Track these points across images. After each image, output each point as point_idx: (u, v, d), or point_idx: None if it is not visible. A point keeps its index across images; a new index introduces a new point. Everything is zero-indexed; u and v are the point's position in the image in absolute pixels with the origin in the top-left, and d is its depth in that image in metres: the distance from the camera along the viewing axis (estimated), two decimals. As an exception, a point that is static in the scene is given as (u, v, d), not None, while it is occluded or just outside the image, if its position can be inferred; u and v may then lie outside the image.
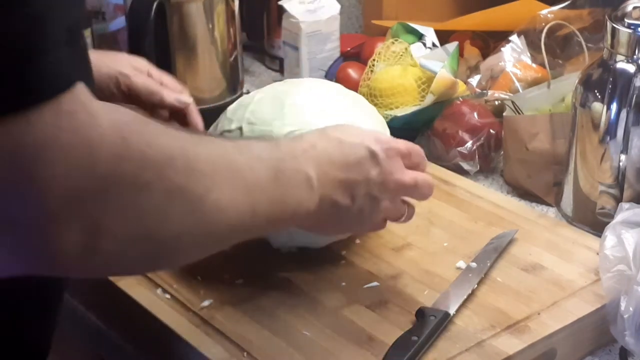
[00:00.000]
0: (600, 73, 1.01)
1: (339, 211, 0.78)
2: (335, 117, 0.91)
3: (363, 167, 0.79)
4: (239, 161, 0.68)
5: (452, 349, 0.81)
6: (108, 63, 0.97)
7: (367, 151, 0.79)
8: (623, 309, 0.83)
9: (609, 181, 1.00)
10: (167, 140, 0.61)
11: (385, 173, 0.80)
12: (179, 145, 0.62)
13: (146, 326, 0.88)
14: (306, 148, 0.76)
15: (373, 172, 0.79)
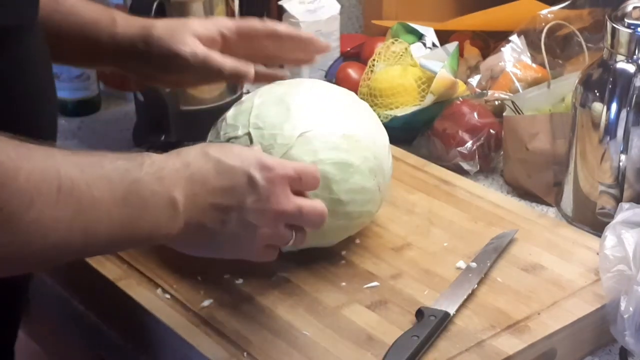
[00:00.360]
0: (600, 73, 1.01)
1: (208, 234, 0.75)
2: (339, 116, 0.91)
3: (237, 192, 0.75)
4: (76, 179, 0.64)
5: (452, 349, 0.81)
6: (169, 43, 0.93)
7: (245, 176, 0.75)
8: (623, 309, 0.83)
9: (609, 181, 1.00)
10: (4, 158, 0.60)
11: (263, 201, 0.75)
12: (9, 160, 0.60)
13: (146, 326, 0.88)
14: (178, 167, 0.73)
15: (249, 199, 0.75)
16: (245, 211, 0.75)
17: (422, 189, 1.07)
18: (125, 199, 0.68)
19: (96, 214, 0.66)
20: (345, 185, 0.88)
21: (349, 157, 0.89)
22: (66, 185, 0.63)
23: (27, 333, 1.11)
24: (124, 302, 0.90)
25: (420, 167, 1.12)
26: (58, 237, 0.64)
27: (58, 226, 0.63)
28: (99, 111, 1.40)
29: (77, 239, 0.65)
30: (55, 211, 0.62)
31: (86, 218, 0.65)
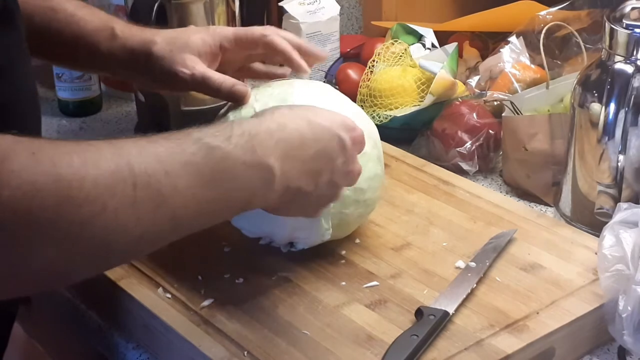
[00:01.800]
0: (598, 74, 1.01)
1: (302, 196, 0.78)
2: (341, 111, 0.92)
3: (329, 154, 0.77)
4: (153, 171, 0.64)
5: (451, 348, 0.81)
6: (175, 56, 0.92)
7: (336, 138, 0.78)
8: (621, 308, 0.83)
9: (608, 181, 1.00)
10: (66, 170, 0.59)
11: (349, 162, 0.79)
12: (72, 171, 0.59)
13: (147, 325, 0.88)
14: (273, 130, 0.73)
15: (339, 161, 0.78)
16: (335, 172, 0.78)
17: (422, 189, 1.08)
18: (214, 179, 0.68)
19: (181, 200, 0.65)
20: (363, 174, 0.89)
21: None
22: (142, 181, 0.62)
23: (28, 332, 1.11)
24: (124, 301, 0.90)
25: (419, 167, 1.13)
26: (142, 230, 0.63)
27: (140, 221, 0.63)
28: (100, 111, 1.41)
29: (165, 227, 0.65)
30: (133, 208, 0.62)
31: (171, 206, 0.64)
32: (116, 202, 0.61)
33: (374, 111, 1.26)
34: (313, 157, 0.76)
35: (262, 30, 0.94)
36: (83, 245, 0.60)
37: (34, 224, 0.57)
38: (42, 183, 0.57)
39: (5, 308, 0.81)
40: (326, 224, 0.90)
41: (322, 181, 0.78)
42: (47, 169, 0.58)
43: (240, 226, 0.93)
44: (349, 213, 0.91)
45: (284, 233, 0.91)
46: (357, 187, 0.90)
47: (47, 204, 0.57)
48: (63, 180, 0.58)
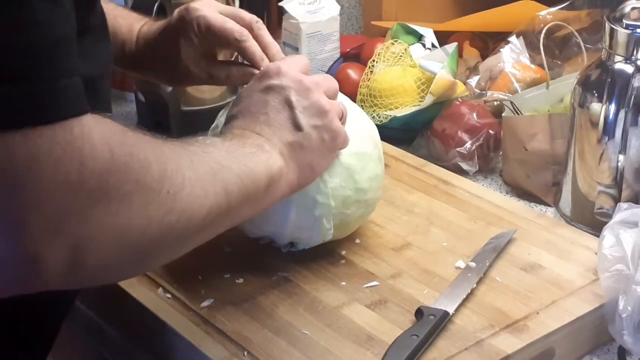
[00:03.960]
0: (598, 74, 1.01)
1: (303, 146, 0.80)
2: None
3: (273, 94, 0.81)
4: (195, 151, 0.70)
5: (451, 348, 0.81)
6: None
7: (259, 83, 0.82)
8: (621, 308, 0.83)
9: (608, 181, 1.00)
10: (143, 147, 0.63)
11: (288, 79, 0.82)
12: (152, 150, 0.64)
13: (147, 325, 0.88)
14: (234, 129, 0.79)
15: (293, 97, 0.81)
16: (300, 109, 0.81)
17: (422, 189, 1.08)
18: (238, 156, 0.74)
19: (227, 173, 0.71)
20: (364, 174, 0.90)
21: (362, 146, 0.91)
22: (196, 158, 0.69)
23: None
24: (124, 301, 0.90)
25: (419, 167, 1.13)
26: (208, 204, 0.68)
27: (207, 194, 0.68)
28: (99, 111, 1.40)
29: (222, 201, 0.70)
30: (199, 180, 0.67)
31: (221, 179, 0.70)
32: (188, 174, 0.66)
33: (374, 111, 1.26)
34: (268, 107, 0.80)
35: (237, 31, 0.93)
36: (173, 218, 0.64)
37: (145, 190, 0.61)
38: (150, 158, 0.62)
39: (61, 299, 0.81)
40: (327, 224, 0.90)
41: (301, 120, 0.80)
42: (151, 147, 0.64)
43: (242, 227, 0.93)
44: (350, 213, 0.91)
45: (285, 233, 0.91)
46: (358, 188, 0.90)
47: (155, 176, 0.62)
48: (160, 157, 0.64)
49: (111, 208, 0.59)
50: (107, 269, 0.62)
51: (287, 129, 0.80)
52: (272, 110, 0.80)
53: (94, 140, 0.58)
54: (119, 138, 0.61)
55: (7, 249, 0.56)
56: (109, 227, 0.59)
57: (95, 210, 0.58)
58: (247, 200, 0.74)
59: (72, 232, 0.57)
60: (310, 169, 0.82)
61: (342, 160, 0.89)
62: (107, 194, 0.58)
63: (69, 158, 0.56)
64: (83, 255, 0.58)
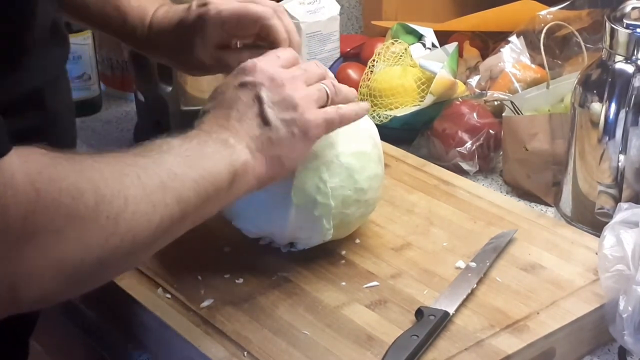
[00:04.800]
0: (599, 73, 1.01)
1: (271, 140, 0.80)
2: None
3: (244, 90, 0.82)
4: (146, 164, 0.70)
5: (451, 348, 0.81)
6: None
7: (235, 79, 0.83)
8: (622, 308, 0.83)
9: (608, 181, 1.00)
10: (75, 178, 0.62)
11: (261, 75, 0.82)
12: (86, 177, 0.63)
13: (147, 325, 0.88)
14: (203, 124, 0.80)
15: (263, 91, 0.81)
16: (261, 94, 0.81)
17: (422, 189, 1.08)
18: (195, 160, 0.74)
19: (180, 183, 0.71)
20: (364, 174, 0.90)
21: (362, 146, 0.91)
22: (143, 173, 0.68)
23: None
24: (124, 301, 0.90)
25: (419, 167, 1.13)
26: (159, 217, 0.68)
27: (155, 208, 0.68)
28: (100, 111, 1.41)
29: (175, 211, 0.70)
30: (147, 196, 0.67)
31: (173, 189, 0.70)
32: (132, 192, 0.66)
33: (374, 111, 1.26)
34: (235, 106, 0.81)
35: (263, 11, 0.93)
36: (116, 240, 0.64)
37: (79, 221, 0.61)
38: (83, 187, 0.62)
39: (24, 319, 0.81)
40: (327, 224, 0.90)
41: (269, 115, 0.80)
42: (86, 174, 0.63)
43: (241, 226, 0.93)
44: (349, 213, 0.91)
45: (284, 233, 0.91)
46: (358, 187, 0.90)
47: (89, 204, 0.62)
48: (97, 183, 0.63)
49: (43, 246, 0.59)
50: (47, 296, 0.62)
51: (255, 123, 0.80)
52: (242, 106, 0.81)
53: (17, 183, 0.57)
54: (47, 173, 0.60)
55: None
56: (44, 263, 0.59)
57: (26, 250, 0.58)
58: (207, 201, 0.74)
59: (5, 273, 0.58)
60: (279, 162, 0.82)
61: (342, 160, 0.89)
62: (35, 234, 0.58)
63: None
64: (21, 292, 0.59)
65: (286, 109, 0.82)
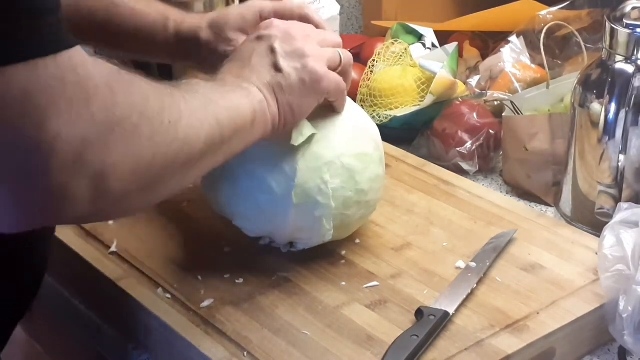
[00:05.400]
0: (599, 73, 1.01)
1: (282, 86, 0.83)
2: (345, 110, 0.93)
3: (259, 42, 0.86)
4: (186, 89, 0.74)
5: (451, 348, 0.81)
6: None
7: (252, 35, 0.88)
8: (622, 308, 0.83)
9: (608, 181, 1.00)
10: (139, 83, 0.67)
11: (277, 29, 0.87)
12: (147, 86, 0.68)
13: (147, 325, 0.88)
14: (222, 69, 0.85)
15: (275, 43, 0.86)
16: (273, 43, 0.86)
17: (422, 189, 1.08)
18: (225, 91, 0.80)
19: (216, 106, 0.76)
20: (365, 175, 0.90)
21: (364, 147, 0.91)
22: (189, 96, 0.73)
23: (27, 332, 1.11)
24: (124, 301, 0.90)
25: (419, 167, 1.13)
26: (205, 132, 0.73)
27: (202, 124, 0.73)
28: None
29: (216, 132, 0.74)
30: (194, 112, 0.72)
31: (213, 110, 0.75)
32: (183, 106, 0.71)
33: (374, 111, 1.26)
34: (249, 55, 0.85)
35: (298, 3, 0.98)
36: (177, 145, 0.69)
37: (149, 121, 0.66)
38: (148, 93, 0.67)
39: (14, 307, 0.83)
40: (327, 225, 0.90)
41: (280, 62, 0.84)
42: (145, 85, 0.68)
43: (241, 225, 0.93)
44: (350, 214, 0.91)
45: (285, 233, 0.91)
46: (359, 189, 0.90)
47: (155, 108, 0.67)
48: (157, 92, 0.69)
49: (124, 137, 0.63)
50: (126, 196, 0.65)
51: (267, 71, 0.84)
52: (256, 56, 0.85)
53: (96, 79, 0.61)
54: (116, 78, 0.64)
55: (36, 181, 0.59)
56: (125, 154, 0.63)
57: (110, 139, 0.62)
58: (236, 132, 0.78)
59: (94, 160, 0.61)
60: (290, 109, 0.84)
61: (344, 161, 0.89)
62: (117, 124, 0.62)
63: (78, 96, 0.60)
64: (106, 183, 0.62)
65: (298, 58, 0.85)
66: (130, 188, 0.65)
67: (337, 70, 0.89)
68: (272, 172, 0.88)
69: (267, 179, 0.88)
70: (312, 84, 0.85)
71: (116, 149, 0.62)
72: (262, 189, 0.88)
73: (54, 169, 0.59)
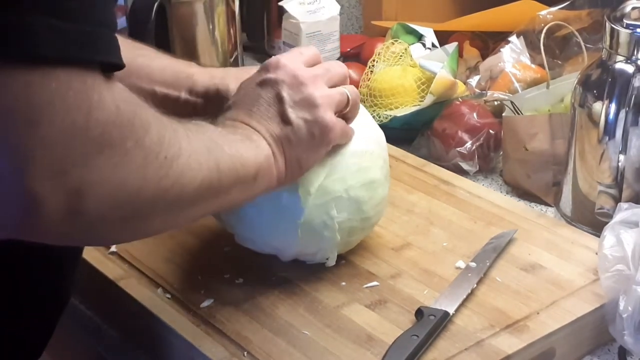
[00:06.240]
0: (599, 73, 1.01)
1: (291, 140, 0.80)
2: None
3: (266, 88, 0.82)
4: (191, 128, 0.72)
5: (451, 348, 0.81)
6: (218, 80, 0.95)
7: (258, 76, 0.83)
8: (622, 308, 0.83)
9: (608, 181, 1.00)
10: (146, 111, 0.65)
11: (284, 72, 0.82)
12: (152, 115, 0.66)
13: (147, 325, 0.88)
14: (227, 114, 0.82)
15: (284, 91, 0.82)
16: (284, 92, 0.82)
17: (422, 189, 1.08)
18: (229, 137, 0.77)
19: (220, 152, 0.73)
20: (372, 202, 0.89)
21: (371, 174, 0.89)
22: (193, 132, 0.71)
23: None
24: (124, 301, 0.90)
25: (419, 167, 1.13)
26: (201, 177, 0.70)
27: (201, 166, 0.70)
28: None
29: (214, 178, 0.71)
30: (194, 153, 0.69)
31: (215, 155, 0.72)
32: (185, 145, 0.68)
33: (374, 111, 1.26)
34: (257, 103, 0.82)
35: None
36: (169, 183, 0.66)
37: (143, 151, 0.63)
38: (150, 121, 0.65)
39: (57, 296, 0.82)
40: (332, 254, 0.90)
41: (288, 113, 0.81)
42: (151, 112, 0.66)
43: (244, 245, 0.92)
44: (354, 240, 0.92)
45: (287, 257, 0.91)
46: (364, 217, 0.89)
47: (153, 139, 0.64)
48: (160, 124, 0.66)
49: (112, 160, 0.61)
50: (102, 222, 0.63)
51: (275, 122, 0.80)
52: (263, 104, 0.81)
53: (103, 92, 0.60)
54: (125, 95, 0.63)
55: (10, 185, 0.57)
56: (109, 178, 0.61)
57: (97, 159, 0.60)
58: (237, 183, 0.75)
59: (73, 176, 0.58)
60: (298, 164, 0.82)
61: (351, 194, 0.87)
62: (109, 145, 0.60)
63: (79, 105, 0.58)
64: (81, 202, 0.60)
65: (307, 109, 0.82)
66: (108, 214, 0.62)
67: (345, 111, 0.86)
68: (278, 207, 0.86)
69: (275, 217, 0.86)
70: (322, 137, 0.82)
71: (100, 169, 0.60)
72: (269, 224, 0.87)
73: (32, 175, 0.57)
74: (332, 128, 0.83)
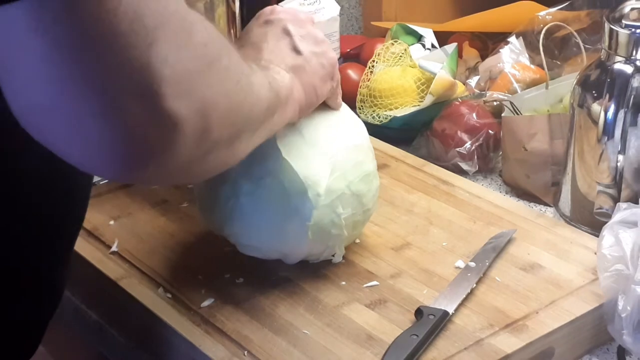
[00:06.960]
0: (598, 74, 1.01)
1: (305, 68, 0.82)
2: (341, 127, 0.91)
3: (271, 25, 0.84)
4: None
5: (451, 348, 0.81)
6: None
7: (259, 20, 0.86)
8: (621, 308, 0.83)
9: (607, 181, 1.00)
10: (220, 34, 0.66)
11: (284, 13, 0.85)
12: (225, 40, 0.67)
13: (147, 325, 0.88)
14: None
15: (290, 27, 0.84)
16: (298, 37, 0.84)
17: (421, 189, 1.08)
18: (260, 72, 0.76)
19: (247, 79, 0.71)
20: (370, 194, 0.90)
21: (366, 167, 0.90)
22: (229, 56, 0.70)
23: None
24: (125, 301, 0.90)
25: (419, 167, 1.13)
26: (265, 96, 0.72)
27: (238, 84, 0.68)
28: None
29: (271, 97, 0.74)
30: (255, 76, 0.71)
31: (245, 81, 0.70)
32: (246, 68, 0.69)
33: (374, 111, 1.26)
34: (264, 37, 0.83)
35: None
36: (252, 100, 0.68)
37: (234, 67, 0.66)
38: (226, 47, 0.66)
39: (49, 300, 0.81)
40: (339, 250, 0.91)
41: (297, 45, 0.83)
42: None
43: (249, 254, 0.92)
44: (357, 233, 0.93)
45: (295, 259, 0.91)
46: (365, 209, 0.90)
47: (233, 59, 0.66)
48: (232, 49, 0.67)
49: (219, 76, 0.62)
50: (218, 144, 0.63)
51: (287, 53, 0.82)
52: (272, 39, 0.83)
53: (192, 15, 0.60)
54: (205, 21, 0.63)
55: (149, 106, 0.55)
56: (221, 93, 0.62)
57: (209, 74, 0.60)
58: (278, 106, 0.76)
59: (198, 94, 0.59)
60: (314, 91, 0.83)
61: (353, 189, 0.88)
62: (212, 62, 0.61)
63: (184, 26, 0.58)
64: (209, 120, 0.60)
65: (314, 42, 0.84)
66: (225, 133, 0.63)
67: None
68: (287, 212, 0.86)
69: (283, 222, 0.87)
70: (330, 69, 0.84)
71: (213, 85, 0.61)
72: (277, 230, 0.87)
73: (166, 94, 0.55)
74: (335, 64, 0.85)
